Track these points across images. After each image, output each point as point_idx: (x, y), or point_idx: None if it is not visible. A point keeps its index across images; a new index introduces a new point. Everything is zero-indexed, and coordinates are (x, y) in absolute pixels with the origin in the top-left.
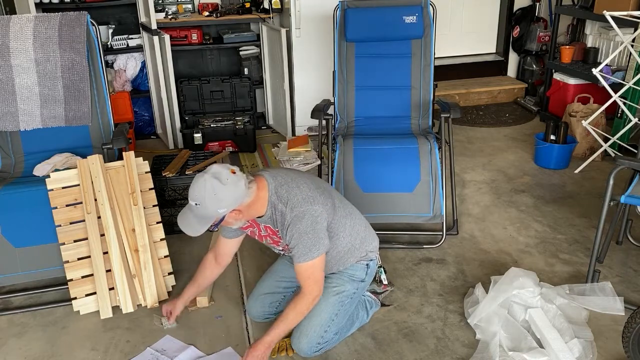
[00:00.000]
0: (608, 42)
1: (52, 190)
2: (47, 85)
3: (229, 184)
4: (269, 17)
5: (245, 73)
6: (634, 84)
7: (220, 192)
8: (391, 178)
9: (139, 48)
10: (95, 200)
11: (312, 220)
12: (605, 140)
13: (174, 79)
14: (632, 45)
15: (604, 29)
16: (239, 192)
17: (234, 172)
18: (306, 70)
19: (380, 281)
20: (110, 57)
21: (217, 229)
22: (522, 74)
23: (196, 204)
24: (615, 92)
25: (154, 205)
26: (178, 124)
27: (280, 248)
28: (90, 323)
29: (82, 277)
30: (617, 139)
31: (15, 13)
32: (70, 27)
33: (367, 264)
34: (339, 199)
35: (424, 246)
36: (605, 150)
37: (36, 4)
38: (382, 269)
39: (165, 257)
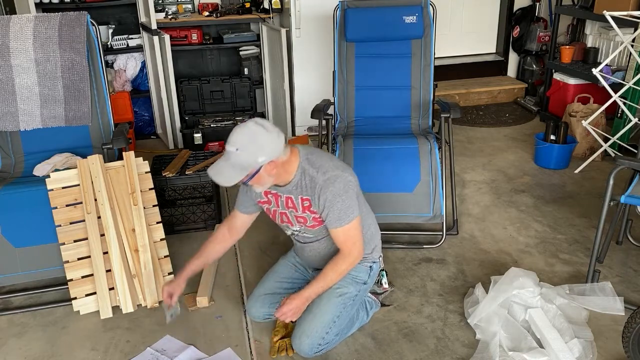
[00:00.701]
0: (608, 42)
1: (52, 190)
2: (47, 85)
3: (273, 133)
4: (269, 17)
5: (245, 73)
6: (634, 84)
7: (263, 139)
8: (391, 178)
9: (139, 48)
10: (95, 200)
11: (344, 184)
12: (605, 140)
13: (174, 79)
14: (632, 45)
15: (604, 29)
16: (280, 145)
17: (275, 126)
18: (306, 70)
19: (381, 283)
20: (110, 57)
21: (248, 184)
22: (522, 74)
23: (236, 149)
24: (615, 92)
25: (154, 205)
26: (178, 124)
27: (296, 228)
28: (90, 323)
29: (82, 277)
30: (617, 139)
31: (15, 13)
32: (70, 27)
33: (370, 266)
34: (361, 193)
35: (424, 246)
36: (605, 150)
37: (36, 4)
38: (383, 272)
39: (165, 257)
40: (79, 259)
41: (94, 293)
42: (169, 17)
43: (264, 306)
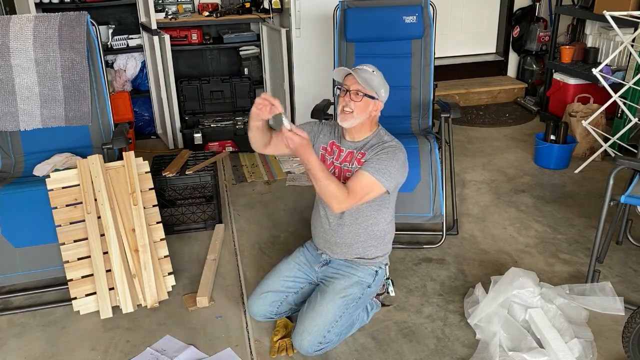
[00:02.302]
0: (608, 42)
1: (52, 190)
2: (47, 85)
3: (386, 83)
4: (269, 17)
5: (245, 73)
6: (634, 84)
7: (385, 82)
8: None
9: (139, 48)
10: (95, 200)
11: (404, 160)
12: (605, 140)
13: (174, 79)
14: (632, 45)
15: (604, 29)
16: (388, 94)
17: None
18: (306, 70)
19: (388, 292)
20: (110, 57)
21: (367, 98)
22: (522, 74)
23: (373, 71)
24: (615, 92)
25: (154, 205)
26: (178, 124)
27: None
28: (90, 323)
29: (82, 277)
30: (617, 139)
31: (15, 13)
32: (70, 27)
33: (376, 271)
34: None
35: (424, 246)
36: (605, 150)
37: (36, 4)
38: (389, 280)
39: (165, 257)
40: (79, 259)
41: (94, 293)
42: (169, 17)
43: (265, 304)
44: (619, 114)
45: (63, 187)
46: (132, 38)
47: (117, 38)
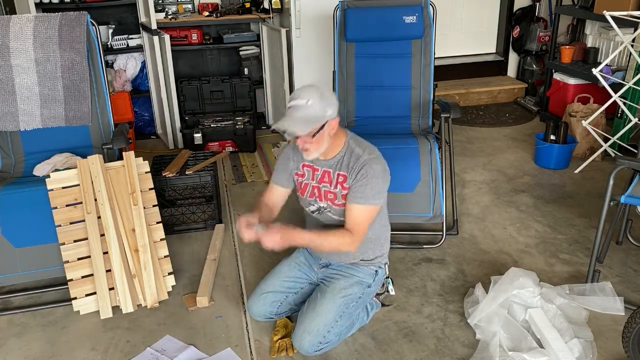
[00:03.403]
0: (608, 42)
1: (52, 190)
2: (47, 85)
3: (331, 95)
4: (269, 17)
5: (245, 73)
6: (634, 84)
7: (327, 95)
8: (391, 178)
9: (139, 48)
10: (95, 200)
11: (384, 169)
12: (605, 140)
13: (174, 79)
14: (632, 45)
15: (604, 29)
16: (337, 104)
17: None
18: (306, 71)
19: (388, 291)
20: (110, 57)
21: (300, 149)
22: (522, 74)
23: (307, 101)
24: (615, 92)
25: (154, 205)
26: (178, 124)
27: (323, 204)
28: (90, 323)
29: (82, 277)
30: (617, 139)
31: (15, 13)
32: (70, 27)
33: (375, 271)
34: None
35: (424, 246)
36: (605, 150)
37: (36, 4)
38: (389, 279)
39: (165, 257)
40: (79, 259)
41: (94, 293)
42: (169, 17)
43: (266, 304)
44: (619, 114)
45: (63, 187)
46: (132, 38)
47: (117, 38)
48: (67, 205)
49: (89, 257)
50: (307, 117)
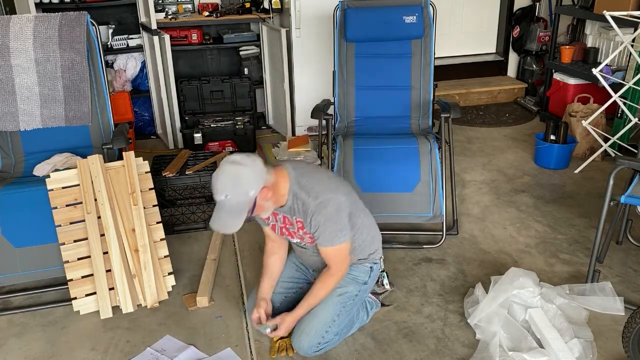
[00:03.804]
0: (608, 42)
1: (52, 190)
2: (47, 85)
3: (247, 163)
4: (269, 17)
5: (245, 73)
6: (634, 84)
7: (243, 174)
8: (391, 178)
9: (139, 48)
10: (95, 200)
11: (336, 207)
12: (605, 140)
13: (174, 79)
14: (632, 45)
15: (604, 29)
16: (260, 168)
17: (248, 156)
18: (306, 70)
19: (382, 284)
20: (110, 57)
21: (253, 218)
22: (522, 74)
23: (226, 196)
24: (615, 92)
25: (154, 205)
26: (178, 124)
27: (295, 241)
28: (90, 323)
29: (82, 277)
30: (617, 139)
31: (15, 13)
32: (70, 27)
33: (370, 267)
34: (356, 195)
35: (424, 246)
36: (605, 150)
37: (36, 4)
38: (384, 273)
39: (165, 257)
40: (79, 259)
41: (94, 293)
42: (169, 17)
43: None
44: (619, 114)
45: (63, 187)
46: (132, 38)
47: (117, 38)
48: (67, 205)
49: (89, 257)
50: (232, 210)
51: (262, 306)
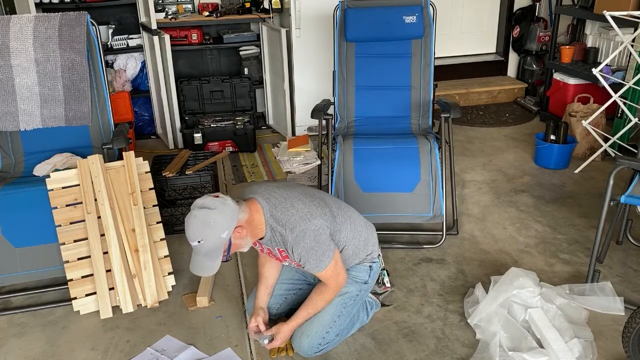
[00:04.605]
0: (608, 42)
1: (52, 190)
2: (47, 85)
3: (217, 205)
4: (269, 17)
5: (245, 73)
6: (634, 84)
7: (214, 217)
8: (391, 178)
9: (139, 48)
10: (95, 200)
11: (314, 235)
12: (605, 140)
13: (174, 79)
14: (632, 45)
15: (604, 29)
16: (230, 209)
17: (217, 196)
18: (306, 70)
19: (383, 283)
20: (110, 57)
21: (230, 258)
22: (522, 74)
23: (199, 242)
24: (615, 92)
25: (154, 205)
26: (178, 124)
27: (286, 264)
28: (90, 323)
29: (82, 277)
30: (617, 139)
31: (15, 13)
32: (70, 27)
33: (370, 266)
34: (336, 205)
35: (424, 246)
36: (605, 150)
37: (36, 4)
38: (384, 271)
39: (165, 257)
40: (79, 259)
41: (94, 293)
42: (169, 17)
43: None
44: (619, 114)
45: (63, 187)
46: (132, 38)
47: (117, 38)
48: (67, 205)
49: (89, 257)
50: (208, 253)
51: (259, 314)
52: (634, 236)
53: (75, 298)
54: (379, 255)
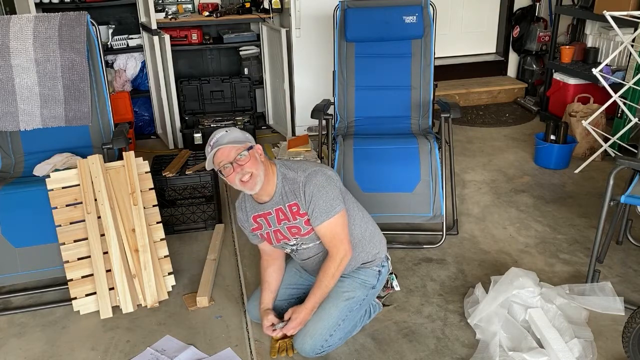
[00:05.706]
0: (608, 42)
1: (52, 190)
2: (47, 85)
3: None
4: (269, 17)
5: (245, 73)
6: (634, 84)
7: (237, 130)
8: (391, 178)
9: (139, 48)
10: (95, 200)
11: (325, 177)
12: (605, 140)
13: (174, 79)
14: (632, 45)
15: (604, 29)
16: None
17: None
18: (306, 70)
19: (392, 286)
20: (110, 57)
21: (249, 152)
22: (522, 74)
23: (227, 130)
24: (615, 92)
25: (154, 205)
26: (178, 124)
27: (293, 242)
28: (90, 323)
29: (82, 277)
30: (617, 139)
31: (15, 13)
32: (70, 27)
33: (379, 270)
34: (345, 190)
35: (424, 246)
36: (605, 150)
37: (36, 4)
38: (393, 275)
39: (165, 257)
40: (79, 259)
41: (94, 293)
42: (169, 17)
43: None
44: (619, 114)
45: (63, 187)
46: (132, 38)
47: (117, 38)
48: (67, 205)
49: (89, 257)
50: (233, 140)
51: (269, 314)
52: (634, 236)
53: (75, 298)
54: (388, 259)
